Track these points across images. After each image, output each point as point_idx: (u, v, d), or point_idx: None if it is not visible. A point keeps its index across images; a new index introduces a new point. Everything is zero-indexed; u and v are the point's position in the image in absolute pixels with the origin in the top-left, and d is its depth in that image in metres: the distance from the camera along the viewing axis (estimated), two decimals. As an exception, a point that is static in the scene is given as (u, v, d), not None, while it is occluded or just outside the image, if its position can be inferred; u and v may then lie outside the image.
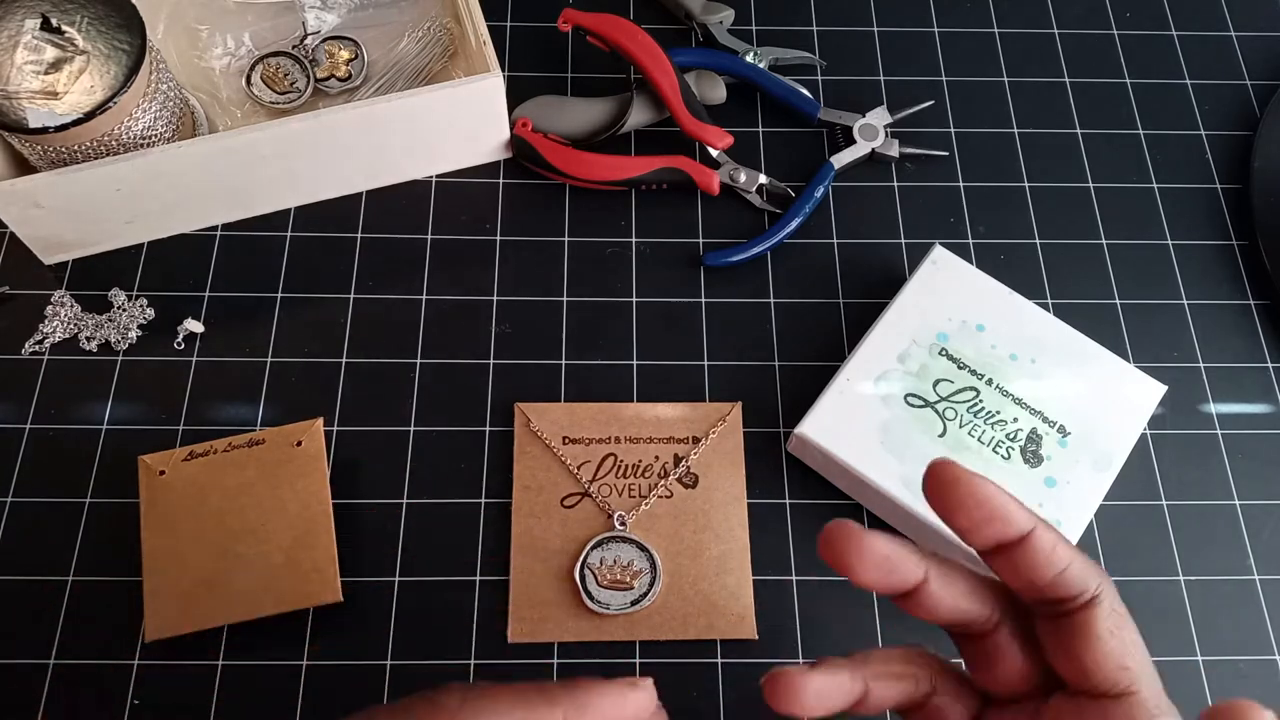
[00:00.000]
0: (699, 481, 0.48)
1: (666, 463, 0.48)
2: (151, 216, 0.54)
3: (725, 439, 0.49)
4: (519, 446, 0.49)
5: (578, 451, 0.48)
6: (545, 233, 0.57)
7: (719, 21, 0.63)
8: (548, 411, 0.50)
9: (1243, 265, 0.58)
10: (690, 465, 0.48)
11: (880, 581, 0.30)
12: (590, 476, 0.48)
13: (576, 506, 0.48)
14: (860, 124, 0.60)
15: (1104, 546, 0.50)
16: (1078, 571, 0.29)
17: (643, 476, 0.48)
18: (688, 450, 0.49)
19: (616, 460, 0.48)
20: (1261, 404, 0.54)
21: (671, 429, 0.49)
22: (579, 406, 0.50)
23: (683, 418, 0.49)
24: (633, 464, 0.48)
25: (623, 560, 0.46)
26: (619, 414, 0.49)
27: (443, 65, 0.61)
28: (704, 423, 0.49)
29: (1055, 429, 0.49)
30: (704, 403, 0.50)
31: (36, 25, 0.49)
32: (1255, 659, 0.48)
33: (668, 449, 0.49)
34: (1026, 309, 0.51)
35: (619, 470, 0.48)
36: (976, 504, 0.29)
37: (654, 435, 0.49)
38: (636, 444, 0.49)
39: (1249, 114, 0.63)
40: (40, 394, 0.51)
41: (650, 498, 0.48)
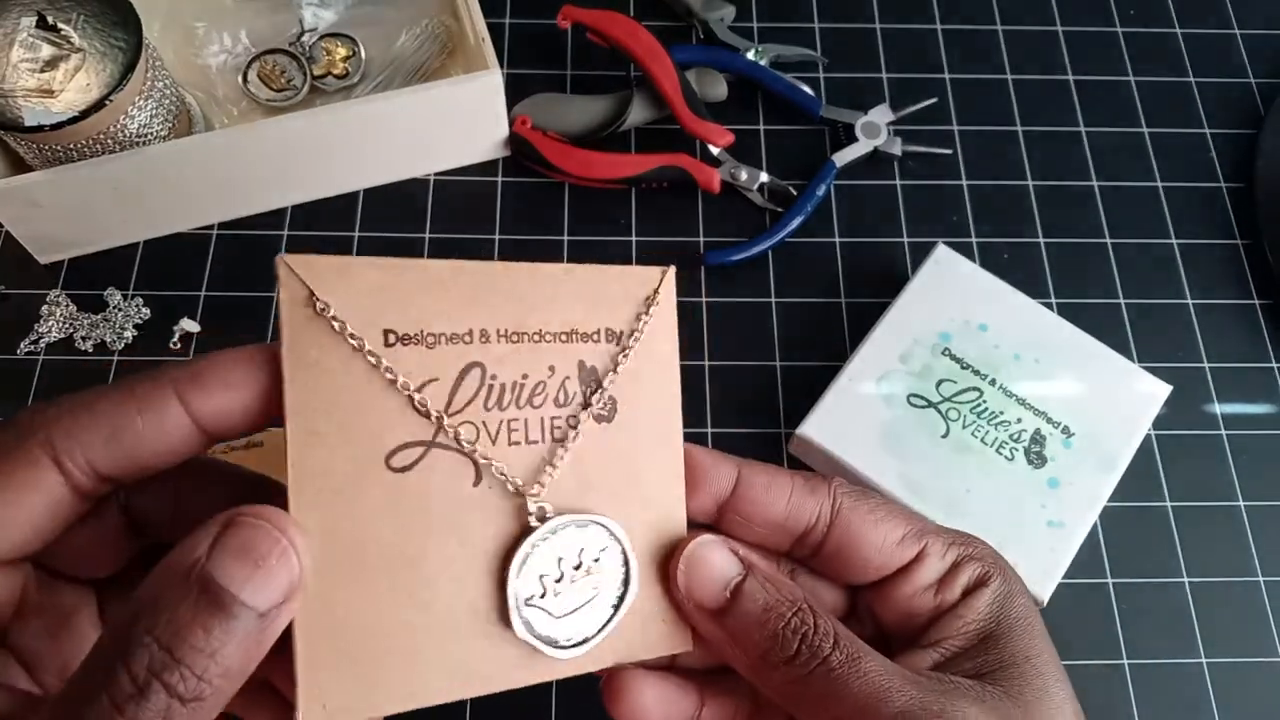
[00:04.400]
0: (617, 410, 0.28)
1: (568, 377, 0.27)
2: (147, 215, 0.54)
3: (657, 332, 0.28)
4: (294, 348, 0.24)
5: (413, 360, 0.25)
6: (545, 231, 0.57)
7: (720, 18, 0.62)
8: (351, 275, 0.25)
9: (1247, 264, 0.58)
10: (613, 382, 0.28)
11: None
12: (443, 408, 0.25)
13: (417, 466, 0.25)
14: (862, 121, 0.59)
15: (1108, 548, 0.50)
16: (803, 491, 0.28)
17: (532, 405, 0.27)
18: (599, 354, 0.28)
19: (484, 375, 0.26)
20: (1266, 404, 0.54)
21: (574, 314, 0.27)
22: (410, 265, 0.25)
23: (589, 292, 0.28)
24: (514, 382, 0.26)
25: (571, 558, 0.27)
26: (485, 286, 0.26)
27: (441, 62, 0.60)
28: (621, 303, 0.28)
29: (1059, 429, 0.48)
30: (617, 265, 0.28)
31: (32, 23, 0.49)
32: (1259, 661, 0.48)
33: (568, 351, 0.27)
34: (1030, 308, 0.51)
35: (490, 394, 0.26)
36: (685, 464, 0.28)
37: (545, 329, 0.27)
38: (518, 343, 0.26)
39: (1253, 112, 0.62)
40: (35, 394, 0.51)
41: (564, 450, 0.27)
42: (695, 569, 0.27)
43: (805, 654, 0.25)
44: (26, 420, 0.23)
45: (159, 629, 0.20)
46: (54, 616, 0.26)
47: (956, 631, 0.28)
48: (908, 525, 0.28)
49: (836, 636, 0.26)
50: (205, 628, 0.20)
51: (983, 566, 0.28)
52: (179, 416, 0.23)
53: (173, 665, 0.20)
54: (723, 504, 0.28)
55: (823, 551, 0.29)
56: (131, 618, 0.20)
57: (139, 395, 0.23)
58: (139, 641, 0.20)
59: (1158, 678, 0.48)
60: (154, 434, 0.23)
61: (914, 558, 0.28)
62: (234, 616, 0.21)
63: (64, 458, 0.22)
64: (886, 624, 0.30)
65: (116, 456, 0.23)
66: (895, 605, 0.29)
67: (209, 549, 0.21)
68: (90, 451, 0.22)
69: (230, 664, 0.21)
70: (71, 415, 0.23)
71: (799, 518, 0.28)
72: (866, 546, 0.28)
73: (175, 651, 0.20)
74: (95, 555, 0.26)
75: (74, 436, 0.22)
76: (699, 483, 0.28)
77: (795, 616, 0.26)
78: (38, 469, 0.22)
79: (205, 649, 0.20)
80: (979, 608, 0.28)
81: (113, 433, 0.22)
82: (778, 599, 0.26)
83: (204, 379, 0.23)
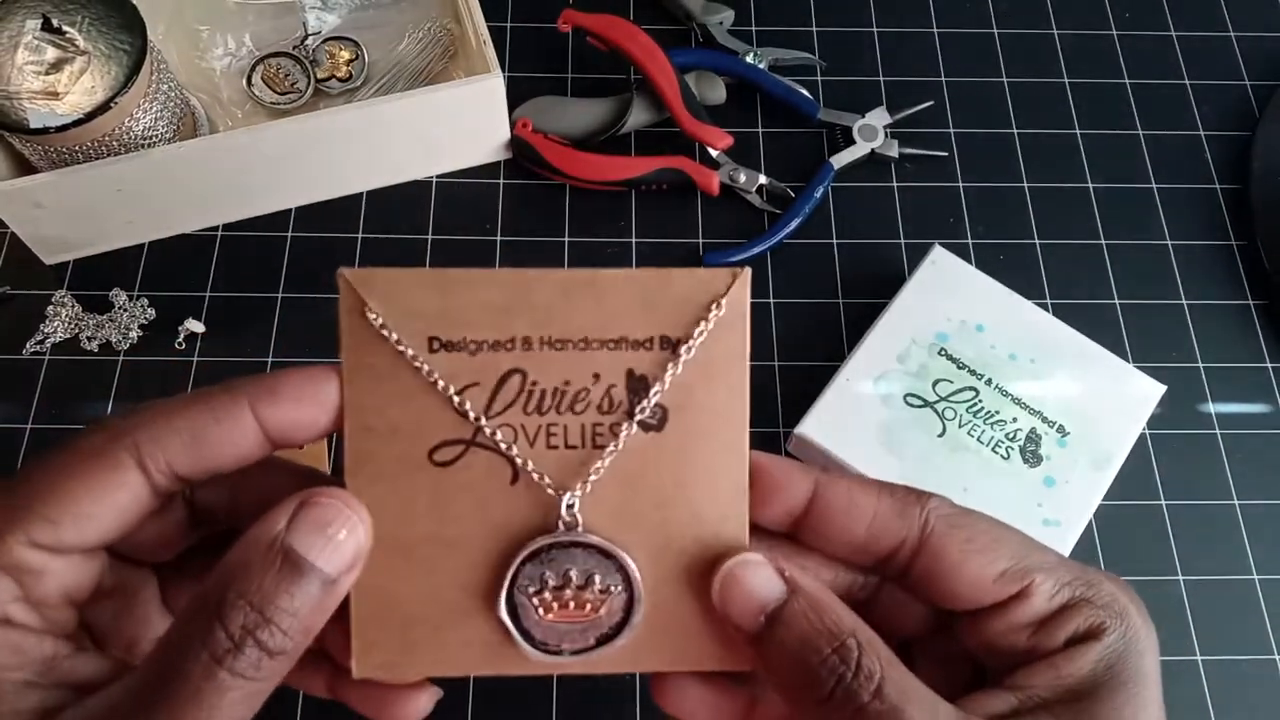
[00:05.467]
0: (668, 418, 0.27)
1: (614, 385, 0.27)
2: (152, 217, 0.54)
3: (721, 339, 0.27)
4: (351, 353, 0.27)
5: (455, 365, 0.27)
6: (545, 233, 0.57)
7: (719, 22, 0.63)
8: (401, 286, 0.27)
9: (1242, 265, 0.58)
10: (662, 391, 0.27)
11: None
12: (482, 408, 0.27)
13: (459, 463, 0.27)
14: (860, 124, 0.60)
15: (1103, 547, 0.50)
16: (889, 512, 0.26)
17: (574, 412, 0.27)
18: (652, 362, 0.27)
19: (525, 381, 0.27)
20: (1260, 404, 0.54)
21: (626, 320, 0.27)
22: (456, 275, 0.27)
23: (646, 298, 0.27)
24: (555, 388, 0.27)
25: (570, 579, 0.27)
26: (529, 294, 0.27)
27: (443, 66, 0.61)
28: (681, 308, 0.27)
29: (1054, 429, 0.49)
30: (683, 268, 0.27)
31: (38, 26, 0.49)
32: (1255, 659, 0.48)
33: (616, 359, 0.27)
34: (1026, 309, 0.52)
35: (530, 400, 0.27)
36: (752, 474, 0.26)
37: (592, 335, 0.27)
38: (562, 350, 0.27)
39: (1248, 114, 0.63)
40: (41, 394, 0.51)
41: (604, 455, 0.27)
42: (731, 589, 0.25)
43: (840, 697, 0.23)
44: (117, 424, 0.25)
45: (251, 593, 0.23)
46: (122, 597, 0.28)
47: (1048, 683, 0.24)
48: (1012, 559, 0.25)
49: (880, 682, 0.23)
50: (289, 591, 0.23)
51: (1100, 616, 0.25)
52: (250, 426, 0.25)
53: (264, 624, 0.23)
54: (797, 519, 0.27)
55: (909, 574, 0.26)
56: (222, 583, 0.23)
57: (216, 405, 0.25)
58: (234, 604, 0.23)
59: (1152, 675, 0.48)
60: (227, 441, 0.25)
61: (1013, 595, 0.25)
62: (310, 581, 0.24)
63: (147, 460, 0.25)
64: (973, 651, 0.27)
65: (193, 460, 0.25)
66: (984, 638, 0.26)
67: (288, 523, 0.24)
68: (170, 455, 0.25)
69: (307, 622, 0.24)
70: (156, 421, 0.25)
71: (881, 540, 0.26)
72: (956, 579, 0.25)
73: (265, 611, 0.23)
74: (161, 542, 0.28)
75: (157, 441, 0.25)
76: (770, 495, 0.26)
77: (834, 654, 0.23)
78: (124, 469, 0.25)
79: (289, 609, 0.23)
80: (1081, 663, 0.24)
81: (191, 439, 0.25)
82: (818, 630, 0.24)
83: (276, 393, 0.26)
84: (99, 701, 0.23)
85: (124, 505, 0.25)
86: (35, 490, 0.24)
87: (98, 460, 0.24)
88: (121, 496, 0.25)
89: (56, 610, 0.25)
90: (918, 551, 0.26)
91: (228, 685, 0.22)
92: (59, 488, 0.24)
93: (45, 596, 0.25)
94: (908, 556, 0.26)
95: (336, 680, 0.28)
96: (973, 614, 0.26)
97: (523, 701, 0.47)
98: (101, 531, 0.25)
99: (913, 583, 0.26)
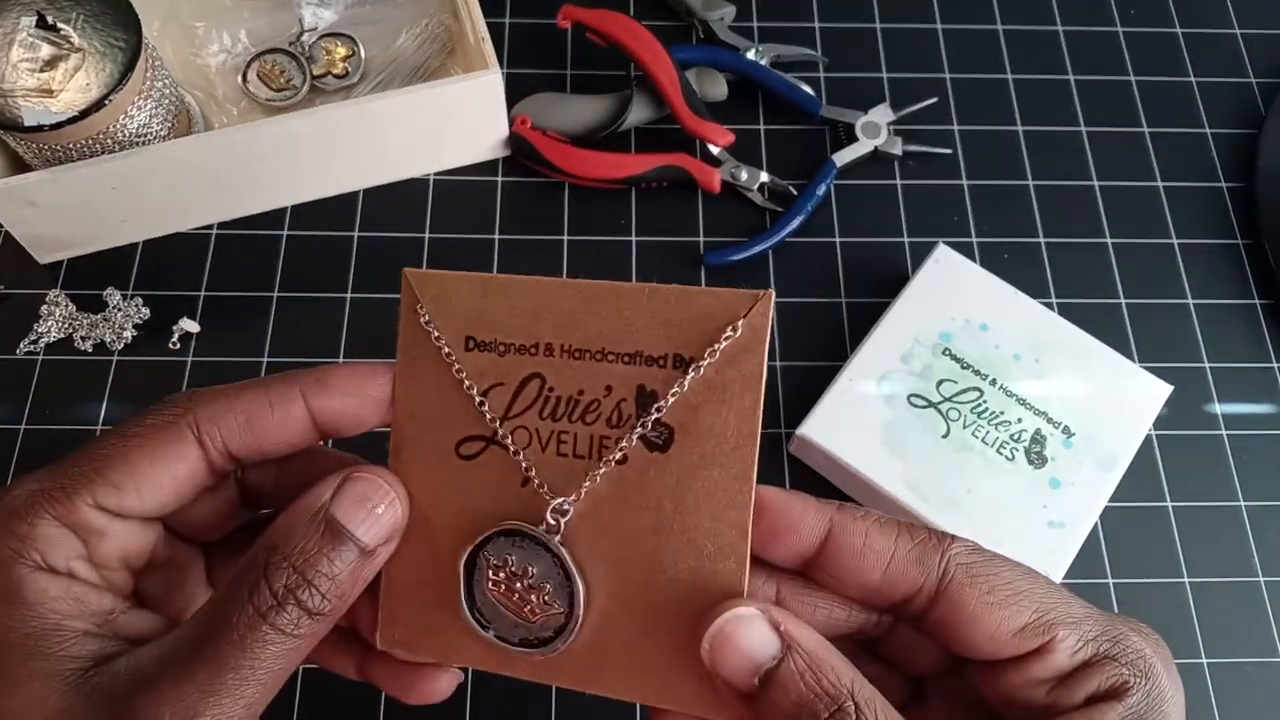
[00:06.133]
0: (673, 439, 0.27)
1: (624, 399, 0.27)
2: (147, 215, 0.54)
3: (736, 362, 0.26)
4: (407, 345, 0.29)
5: (485, 365, 0.28)
6: (545, 231, 0.57)
7: (720, 18, 0.62)
8: (449, 288, 0.28)
9: (1248, 264, 0.58)
10: (666, 408, 0.27)
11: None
12: (502, 411, 0.28)
13: (479, 458, 0.28)
14: (863, 121, 0.59)
15: (1109, 548, 0.50)
16: (907, 559, 0.25)
17: (584, 422, 0.28)
18: (664, 379, 0.27)
19: (544, 387, 0.28)
20: (1267, 404, 0.54)
21: (645, 336, 0.27)
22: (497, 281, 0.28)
23: (667, 315, 0.27)
24: (569, 396, 0.28)
25: (527, 572, 0.27)
26: (557, 301, 0.28)
27: (441, 62, 0.60)
28: (699, 328, 0.27)
29: (1060, 429, 0.48)
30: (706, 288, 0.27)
31: (32, 23, 0.49)
32: (1260, 661, 0.48)
33: (630, 374, 0.27)
34: (1031, 308, 0.51)
35: (546, 405, 0.28)
36: (760, 513, 0.25)
37: (610, 348, 0.27)
38: (580, 360, 0.28)
39: (1254, 112, 0.62)
40: (35, 394, 0.51)
41: (600, 468, 0.27)
42: (723, 646, 0.24)
43: None
44: (180, 401, 0.27)
45: (294, 556, 0.25)
46: (173, 570, 0.30)
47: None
48: (1035, 612, 0.24)
49: None
50: (329, 556, 0.25)
51: (1124, 675, 0.24)
52: (301, 414, 0.27)
53: (304, 585, 0.25)
54: (809, 559, 0.26)
55: (925, 620, 0.25)
56: (269, 547, 0.25)
57: (272, 392, 0.27)
58: (278, 565, 0.25)
59: (1158, 678, 0.48)
60: (280, 426, 0.27)
61: (1034, 649, 0.24)
62: (349, 549, 0.26)
63: (205, 437, 0.27)
64: (989, 698, 0.26)
65: (247, 441, 0.27)
66: (999, 689, 0.25)
67: (332, 496, 0.26)
68: (227, 434, 0.27)
69: (345, 588, 0.26)
70: (215, 403, 0.27)
71: (898, 587, 0.25)
72: (975, 630, 0.24)
73: (306, 574, 0.25)
74: (212, 521, 0.30)
75: (215, 420, 0.27)
76: (780, 534, 0.25)
77: (833, 718, 0.22)
78: (185, 444, 0.27)
79: (328, 573, 0.25)
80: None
81: (247, 421, 0.27)
82: (815, 693, 0.23)
83: (328, 384, 0.28)
84: (150, 650, 0.25)
85: (182, 478, 0.27)
86: (103, 457, 0.26)
87: (161, 434, 0.26)
88: (181, 469, 0.27)
89: (114, 573, 0.27)
90: (935, 599, 0.25)
91: (270, 638, 0.24)
92: (125, 457, 0.26)
93: (105, 558, 0.27)
94: (924, 604, 0.25)
95: (365, 661, 0.30)
96: (990, 664, 0.25)
97: (523, 701, 0.46)
98: (161, 500, 0.27)
99: (928, 629, 0.25)
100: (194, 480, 0.27)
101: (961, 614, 0.24)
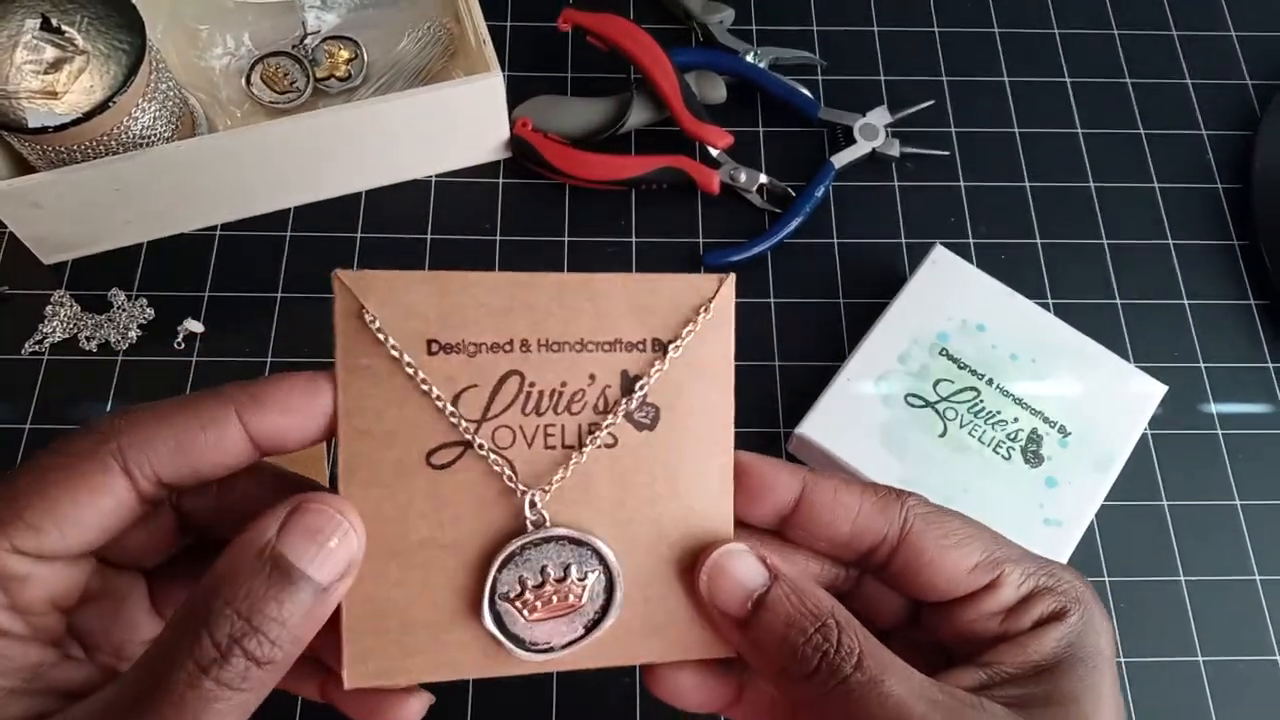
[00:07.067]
0: (660, 417, 0.28)
1: (609, 385, 0.28)
2: (151, 216, 0.54)
3: (710, 340, 0.29)
4: (347, 356, 0.26)
5: (454, 367, 0.27)
6: (545, 232, 0.57)
7: (719, 21, 0.62)
8: (398, 289, 0.26)
9: (1243, 265, 0.58)
10: (650, 388, 0.28)
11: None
12: (480, 413, 0.27)
13: (455, 465, 0.27)
14: (861, 124, 0.59)
15: (1105, 547, 0.50)
16: (871, 511, 0.27)
17: (570, 412, 0.28)
18: (645, 362, 0.28)
19: (524, 383, 0.27)
20: (1262, 404, 0.54)
21: (621, 323, 0.28)
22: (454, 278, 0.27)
23: (640, 302, 0.28)
24: (552, 389, 0.28)
25: (555, 570, 0.27)
26: (527, 296, 0.27)
27: (442, 65, 0.61)
28: (672, 312, 0.28)
29: (1056, 429, 0.49)
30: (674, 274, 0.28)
31: (36, 25, 0.49)
32: (1256, 659, 0.48)
33: (611, 361, 0.28)
34: (1027, 309, 0.51)
35: (528, 401, 0.27)
36: (739, 477, 0.28)
37: (588, 337, 0.28)
38: (559, 352, 0.28)
39: (1249, 113, 0.63)
40: (40, 394, 0.51)
41: (583, 453, 0.28)
42: (718, 577, 0.27)
43: (824, 671, 0.25)
44: (104, 427, 0.25)
45: (239, 601, 0.23)
46: (110, 602, 0.28)
47: (1014, 660, 0.26)
48: (984, 552, 0.27)
49: (860, 655, 0.25)
50: (278, 599, 0.23)
51: (1062, 602, 0.27)
52: (237, 434, 0.25)
53: (251, 633, 0.22)
54: (785, 517, 0.28)
55: (889, 568, 0.28)
56: (209, 591, 0.23)
57: (203, 413, 0.25)
58: (221, 612, 0.22)
59: (1155, 676, 0.48)
60: (214, 449, 0.25)
61: (985, 585, 0.27)
62: (301, 589, 0.23)
63: (133, 467, 0.24)
64: (945, 639, 0.29)
65: (179, 467, 0.25)
66: (956, 626, 0.28)
67: (279, 530, 0.24)
68: (156, 462, 0.25)
69: (298, 632, 0.23)
70: (141, 427, 0.25)
71: (864, 537, 0.27)
72: (934, 571, 0.27)
73: (253, 620, 0.22)
74: (148, 548, 0.28)
75: (142, 447, 0.24)
76: (759, 495, 0.28)
77: (817, 633, 0.25)
78: (109, 474, 0.24)
79: (278, 618, 0.23)
80: (1045, 642, 0.26)
81: (178, 446, 0.25)
82: (801, 612, 0.26)
83: (263, 401, 0.25)
84: (84, 709, 0.23)
85: (109, 511, 0.24)
86: (18, 496, 0.24)
87: (82, 466, 0.24)
88: (106, 502, 0.24)
89: (42, 617, 0.25)
90: (897, 547, 0.27)
91: (214, 695, 0.22)
92: (42, 494, 0.24)
93: (31, 603, 0.24)
94: (888, 552, 0.27)
95: (329, 684, 0.28)
96: (946, 604, 0.28)
97: (523, 702, 0.46)
98: (86, 538, 0.24)
99: (892, 576, 0.28)
100: (121, 513, 0.25)
101: (922, 559, 0.27)
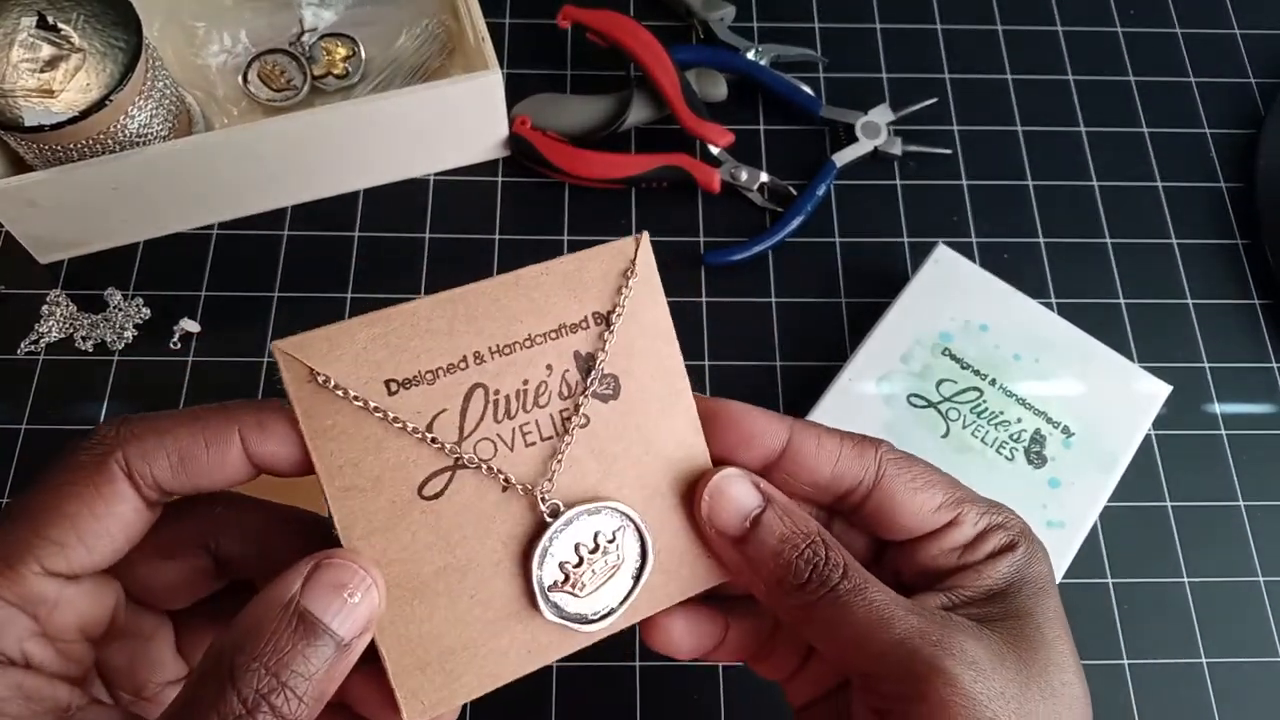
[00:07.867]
0: (620, 385, 0.29)
1: (567, 369, 0.29)
2: (147, 215, 0.54)
3: (644, 298, 0.30)
4: (311, 421, 0.26)
5: (418, 400, 0.27)
6: (544, 231, 0.57)
7: (720, 18, 0.62)
8: (340, 342, 0.27)
9: (1247, 264, 0.58)
10: (606, 360, 0.29)
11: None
12: (456, 434, 0.28)
13: (449, 489, 0.28)
14: (862, 121, 0.59)
15: (1108, 547, 0.50)
16: (850, 456, 0.30)
17: (539, 406, 0.28)
18: (593, 338, 0.29)
19: (489, 393, 0.28)
20: (1266, 404, 0.54)
21: (560, 308, 0.29)
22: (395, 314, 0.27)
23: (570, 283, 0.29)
24: (516, 391, 0.28)
25: (588, 542, 0.29)
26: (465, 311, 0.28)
27: (441, 62, 0.60)
28: (602, 284, 0.29)
29: (1059, 429, 0.48)
30: (592, 248, 0.29)
31: (33, 23, 0.49)
32: (1260, 660, 0.48)
33: (562, 346, 0.29)
34: (1030, 308, 0.51)
35: (497, 409, 0.28)
36: (731, 425, 0.30)
37: (534, 331, 0.28)
38: (511, 354, 0.28)
39: (1253, 112, 0.62)
40: (36, 394, 0.51)
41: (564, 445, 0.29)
42: (718, 499, 0.29)
43: (815, 582, 0.27)
44: (105, 438, 0.25)
45: (266, 655, 0.23)
46: (137, 640, 0.28)
47: (971, 585, 0.29)
48: (946, 494, 0.30)
49: (846, 567, 0.28)
50: (304, 655, 0.23)
51: (1011, 535, 0.30)
52: (238, 455, 0.26)
53: (278, 688, 0.23)
54: (772, 463, 0.30)
55: (862, 510, 0.30)
56: (234, 645, 0.23)
57: (208, 429, 0.26)
58: (247, 666, 0.23)
59: (1158, 677, 0.48)
60: (215, 466, 0.26)
61: (947, 523, 0.30)
62: (325, 644, 0.24)
63: (137, 476, 0.25)
64: (906, 576, 0.31)
65: (180, 478, 0.25)
66: (920, 561, 0.30)
67: (303, 585, 0.24)
68: (159, 472, 0.25)
69: (322, 686, 0.24)
70: (146, 437, 0.25)
71: (843, 480, 0.30)
72: (903, 512, 0.29)
73: (280, 675, 0.23)
74: (179, 589, 0.29)
75: (146, 458, 0.25)
76: (749, 442, 0.29)
77: (809, 548, 0.28)
78: (118, 483, 0.25)
79: (304, 673, 0.23)
80: (999, 569, 0.29)
81: (180, 459, 0.25)
82: (793, 530, 0.28)
83: (268, 430, 0.26)
84: None
85: (129, 520, 0.25)
86: (36, 517, 0.24)
87: (94, 478, 0.24)
88: (123, 510, 0.25)
89: (73, 645, 0.25)
90: (870, 492, 0.30)
91: None
92: (60, 511, 0.24)
93: (61, 629, 0.25)
94: (863, 495, 0.30)
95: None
96: (911, 542, 0.30)
97: (522, 701, 0.46)
98: (113, 547, 0.25)
99: (865, 517, 0.30)
100: (136, 522, 0.25)
101: (893, 500, 0.29)
